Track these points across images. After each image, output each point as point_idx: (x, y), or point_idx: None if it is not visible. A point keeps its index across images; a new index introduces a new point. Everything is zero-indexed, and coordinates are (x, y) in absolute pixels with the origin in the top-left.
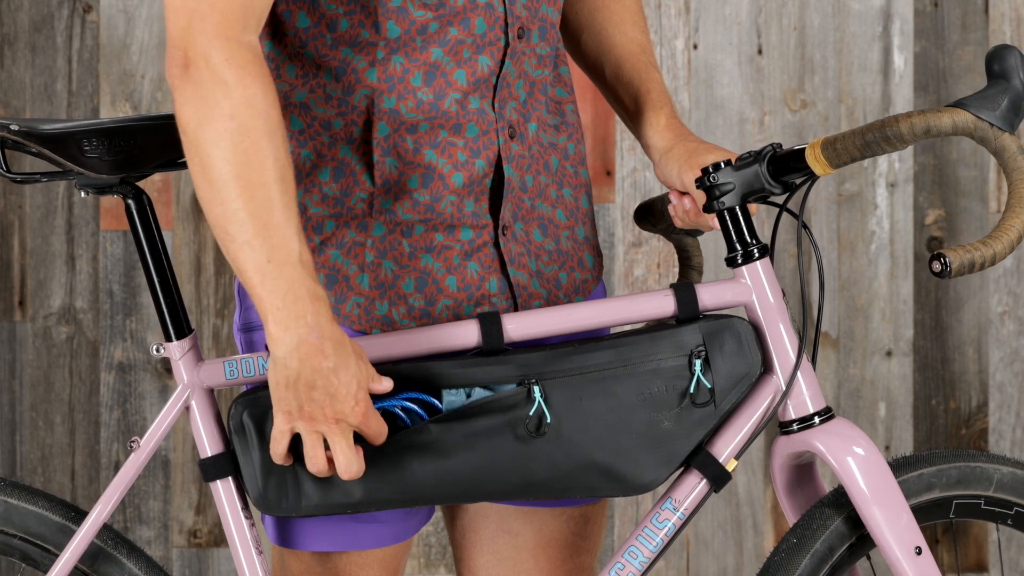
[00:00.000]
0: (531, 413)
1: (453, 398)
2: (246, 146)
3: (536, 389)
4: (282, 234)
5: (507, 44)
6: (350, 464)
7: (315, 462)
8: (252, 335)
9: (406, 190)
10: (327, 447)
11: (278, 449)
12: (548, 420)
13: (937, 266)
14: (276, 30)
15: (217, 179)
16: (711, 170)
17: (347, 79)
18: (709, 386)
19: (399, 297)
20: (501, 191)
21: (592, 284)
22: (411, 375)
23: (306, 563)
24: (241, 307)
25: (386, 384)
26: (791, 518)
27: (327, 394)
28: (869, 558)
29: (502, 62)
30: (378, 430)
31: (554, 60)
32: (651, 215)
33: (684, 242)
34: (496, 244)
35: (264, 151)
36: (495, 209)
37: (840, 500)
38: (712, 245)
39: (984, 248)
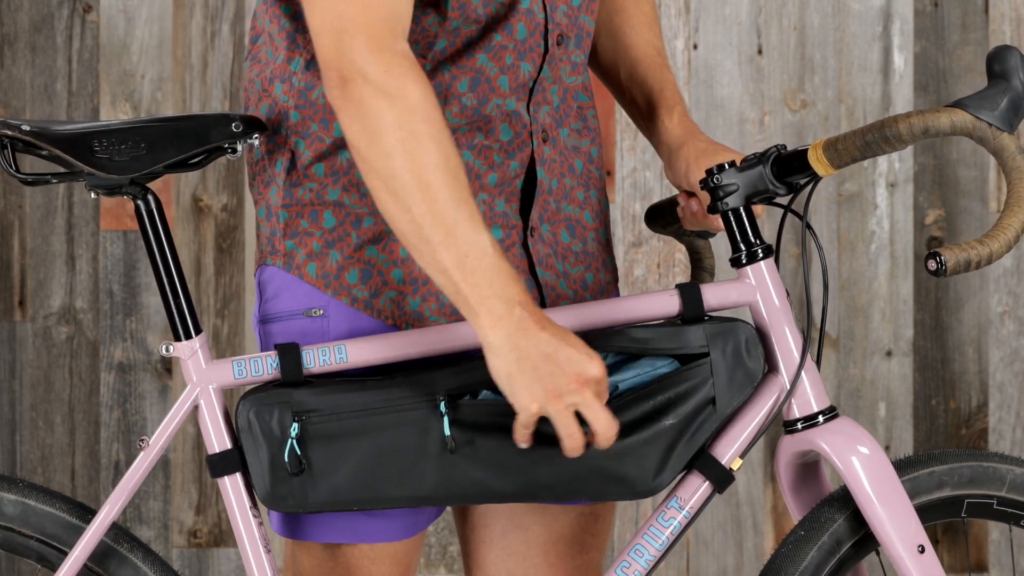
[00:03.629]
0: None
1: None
2: (419, 152)
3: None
4: (470, 229)
5: (546, 50)
6: (611, 426)
7: (574, 438)
8: (268, 327)
9: None
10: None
11: (527, 434)
12: None
13: (933, 264)
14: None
15: (399, 189)
16: (715, 171)
17: None
18: (712, 388)
19: (431, 293)
20: (530, 192)
21: (614, 286)
22: (413, 382)
23: (317, 557)
24: (261, 299)
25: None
26: (796, 517)
27: (564, 360)
28: (878, 553)
29: (540, 67)
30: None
31: (585, 68)
32: (661, 217)
33: (695, 244)
34: (524, 245)
35: (435, 154)
36: (524, 211)
37: (845, 498)
38: (719, 247)
39: (980, 247)
